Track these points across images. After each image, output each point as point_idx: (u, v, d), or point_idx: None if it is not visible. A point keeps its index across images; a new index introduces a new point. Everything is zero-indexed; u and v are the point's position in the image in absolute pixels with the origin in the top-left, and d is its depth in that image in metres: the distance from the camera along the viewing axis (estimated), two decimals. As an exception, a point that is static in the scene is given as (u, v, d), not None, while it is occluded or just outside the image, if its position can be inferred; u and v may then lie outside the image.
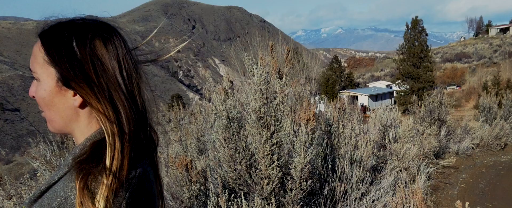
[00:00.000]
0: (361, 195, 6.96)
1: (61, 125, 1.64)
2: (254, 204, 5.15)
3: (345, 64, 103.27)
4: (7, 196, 5.88)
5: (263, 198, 5.50)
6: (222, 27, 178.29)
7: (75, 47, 1.53)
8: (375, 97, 63.19)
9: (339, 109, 8.53)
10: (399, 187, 7.20)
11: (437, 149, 13.69)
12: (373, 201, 7.09)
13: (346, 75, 70.30)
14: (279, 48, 9.77)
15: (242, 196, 5.07)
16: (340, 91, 62.79)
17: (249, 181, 5.56)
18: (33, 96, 1.67)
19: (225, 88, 5.60)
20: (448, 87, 63.19)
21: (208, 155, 6.67)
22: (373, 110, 19.55)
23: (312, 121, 5.43)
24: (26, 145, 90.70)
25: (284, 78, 5.84)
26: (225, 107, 5.34)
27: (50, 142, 6.17)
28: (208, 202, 4.99)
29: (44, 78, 1.60)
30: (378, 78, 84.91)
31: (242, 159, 5.43)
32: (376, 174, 8.40)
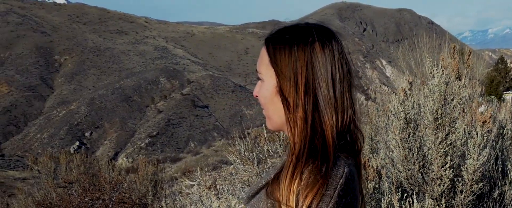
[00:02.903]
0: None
1: (278, 123, 1.65)
2: (424, 204, 4.93)
3: (511, 65, 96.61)
4: (205, 186, 6.10)
5: (433, 199, 5.26)
6: (391, 29, 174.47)
7: (295, 50, 1.55)
8: (539, 98, 58.55)
9: (512, 111, 7.93)
10: None
11: None
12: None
13: None
14: (445, 49, 9.37)
15: (414, 195, 4.86)
16: (504, 92, 58.95)
17: (420, 181, 5.35)
18: (256, 96, 1.69)
19: (404, 89, 5.42)
20: None
21: (380, 154, 6.49)
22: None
23: (489, 122, 5.08)
24: (211, 138, 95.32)
25: (463, 80, 5.54)
26: (404, 108, 5.17)
27: (244, 137, 6.31)
28: (382, 200, 4.85)
29: (267, 79, 1.62)
30: (546, 79, 78.54)
31: (416, 159, 5.23)
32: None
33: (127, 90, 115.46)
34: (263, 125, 6.67)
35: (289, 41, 1.56)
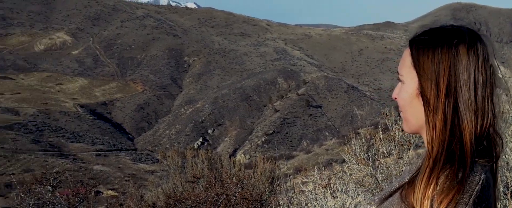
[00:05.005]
0: None
1: (415, 126, 1.57)
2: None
3: None
4: (321, 184, 6.04)
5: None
6: (506, 29, 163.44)
7: (439, 53, 1.48)
8: None
9: None
10: None
11: None
12: None
13: None
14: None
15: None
16: None
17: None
18: (395, 98, 1.62)
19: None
20: None
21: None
22: None
23: None
24: (323, 138, 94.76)
25: None
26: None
27: (356, 137, 6.18)
28: (497, 203, 4.55)
29: (408, 81, 1.55)
30: None
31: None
32: None
33: (248, 90, 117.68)
34: (377, 125, 6.50)
35: (433, 43, 1.49)
